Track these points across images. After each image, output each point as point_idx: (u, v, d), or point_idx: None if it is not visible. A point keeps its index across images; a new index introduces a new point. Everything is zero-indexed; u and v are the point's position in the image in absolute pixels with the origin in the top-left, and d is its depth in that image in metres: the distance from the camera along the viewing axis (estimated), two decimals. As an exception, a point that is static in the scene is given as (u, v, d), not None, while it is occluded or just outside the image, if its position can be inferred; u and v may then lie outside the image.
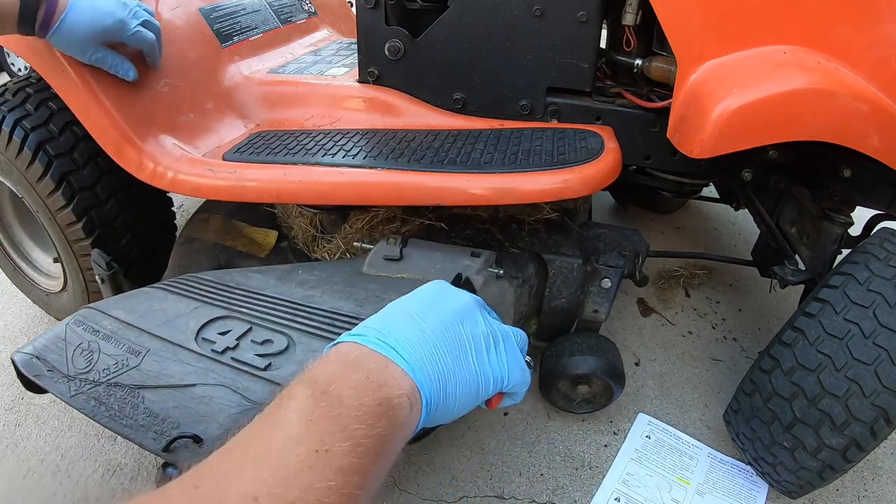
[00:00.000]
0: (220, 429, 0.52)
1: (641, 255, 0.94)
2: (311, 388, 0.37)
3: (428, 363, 0.42)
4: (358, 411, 0.36)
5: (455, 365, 0.44)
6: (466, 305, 0.49)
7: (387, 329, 0.43)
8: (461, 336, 0.46)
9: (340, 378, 0.38)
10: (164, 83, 0.91)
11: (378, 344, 0.41)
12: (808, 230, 0.93)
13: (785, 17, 0.74)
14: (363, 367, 0.39)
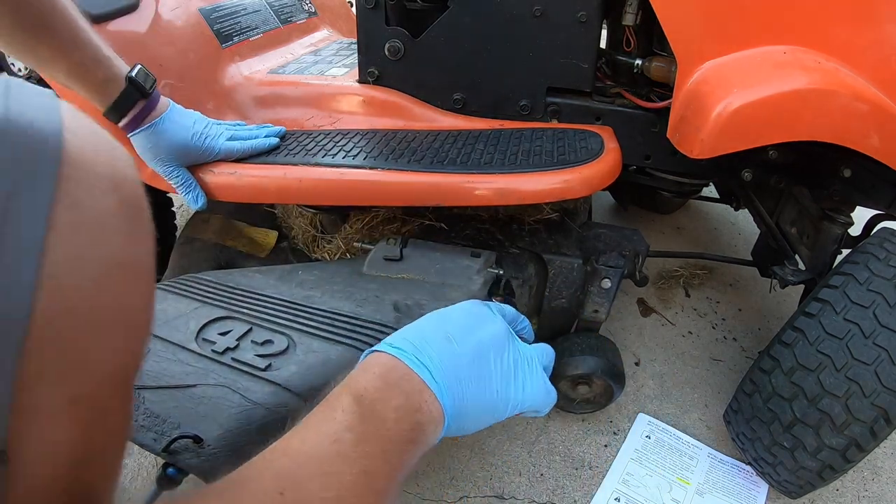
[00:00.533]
0: (220, 429, 0.52)
1: (641, 255, 0.94)
2: (359, 403, 0.39)
3: (455, 388, 0.44)
4: (397, 436, 0.39)
5: (478, 392, 0.46)
6: (498, 335, 0.51)
7: (423, 347, 0.45)
8: (489, 366, 0.48)
9: (385, 397, 0.40)
10: (165, 83, 0.91)
11: (415, 362, 0.43)
12: (808, 230, 0.93)
13: (785, 17, 0.74)
14: (403, 389, 0.42)
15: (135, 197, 0.31)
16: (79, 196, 0.28)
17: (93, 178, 0.29)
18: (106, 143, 0.31)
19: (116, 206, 0.29)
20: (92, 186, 0.28)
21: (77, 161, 0.28)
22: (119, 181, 0.30)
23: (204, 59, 1.00)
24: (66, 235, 0.27)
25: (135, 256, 0.30)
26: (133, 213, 0.31)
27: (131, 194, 0.31)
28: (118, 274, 0.29)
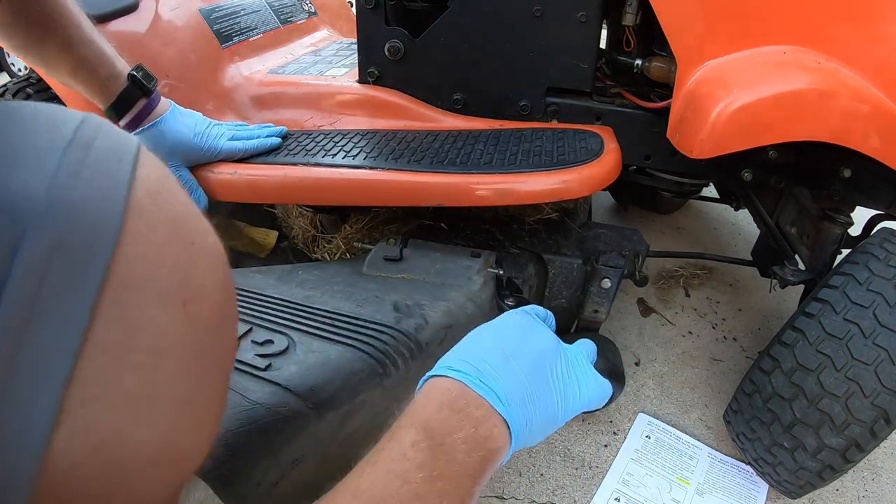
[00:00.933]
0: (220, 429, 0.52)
1: (641, 255, 0.94)
2: (428, 437, 0.38)
3: (522, 410, 0.43)
4: (468, 468, 0.38)
5: (541, 407, 0.45)
6: (549, 345, 0.49)
7: (486, 368, 0.43)
8: (547, 378, 0.47)
9: (454, 428, 0.39)
10: (164, 84, 0.92)
11: (480, 386, 0.42)
12: (808, 230, 0.93)
13: (785, 17, 0.74)
14: (472, 417, 0.40)
15: (211, 316, 0.26)
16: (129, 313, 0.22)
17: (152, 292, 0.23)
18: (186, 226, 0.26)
19: (182, 328, 0.24)
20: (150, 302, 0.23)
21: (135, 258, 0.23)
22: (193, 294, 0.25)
23: (204, 60, 1.00)
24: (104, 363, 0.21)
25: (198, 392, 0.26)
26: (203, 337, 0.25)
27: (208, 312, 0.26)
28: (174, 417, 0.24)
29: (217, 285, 0.27)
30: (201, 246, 0.26)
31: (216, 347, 0.27)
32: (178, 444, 0.25)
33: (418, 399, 0.42)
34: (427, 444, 0.38)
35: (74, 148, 0.23)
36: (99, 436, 0.22)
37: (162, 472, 0.25)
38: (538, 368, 0.46)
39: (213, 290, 0.26)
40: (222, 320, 0.27)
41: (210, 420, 0.28)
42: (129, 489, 0.24)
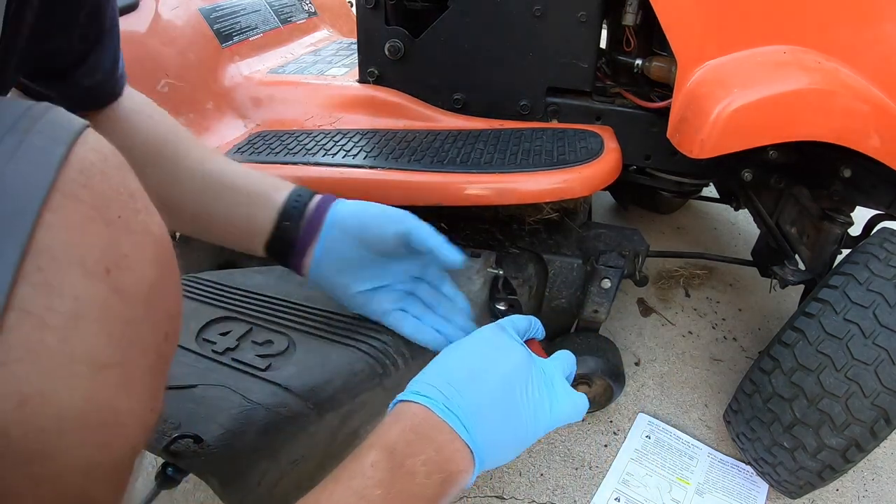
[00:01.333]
0: (220, 429, 0.52)
1: (641, 255, 0.94)
2: (389, 458, 0.39)
3: (485, 432, 0.44)
4: (427, 490, 0.39)
5: (509, 429, 0.46)
6: (521, 364, 0.49)
7: (451, 393, 0.44)
8: (516, 399, 0.47)
9: (416, 451, 0.40)
10: (164, 83, 0.91)
11: (445, 411, 0.43)
12: (808, 230, 0.93)
13: (785, 16, 0.74)
14: (435, 441, 0.41)
15: (137, 285, 0.28)
16: (50, 278, 0.24)
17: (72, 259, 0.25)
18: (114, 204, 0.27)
19: (104, 294, 0.26)
20: (69, 269, 0.25)
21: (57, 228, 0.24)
22: (116, 263, 0.27)
23: (204, 59, 1.00)
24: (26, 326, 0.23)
25: (122, 358, 0.27)
26: (129, 306, 0.27)
27: (133, 282, 0.28)
28: (98, 379, 0.26)
29: (144, 259, 0.28)
30: (128, 221, 0.28)
31: (146, 317, 0.28)
32: (106, 408, 0.27)
33: (385, 422, 0.43)
34: (387, 465, 0.39)
35: (12, 133, 0.25)
36: (23, 393, 0.23)
37: (91, 434, 0.26)
38: (506, 388, 0.47)
39: (139, 263, 0.28)
40: (152, 292, 0.29)
41: (143, 388, 0.29)
42: (62, 450, 0.25)
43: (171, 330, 0.31)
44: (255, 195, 0.60)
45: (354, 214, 0.60)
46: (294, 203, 0.60)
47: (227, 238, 0.61)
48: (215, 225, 0.60)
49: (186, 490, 0.84)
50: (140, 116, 0.58)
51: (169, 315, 0.31)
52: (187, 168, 0.59)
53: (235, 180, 0.60)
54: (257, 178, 0.61)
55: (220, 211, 0.59)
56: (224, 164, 0.61)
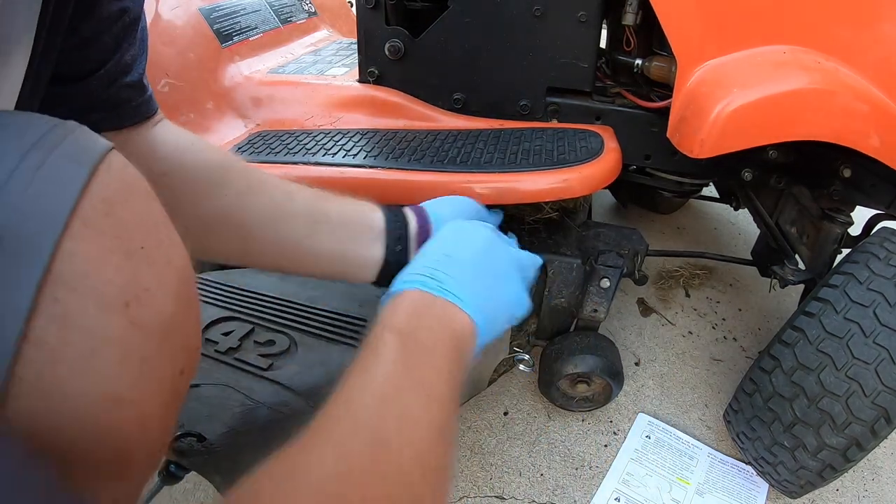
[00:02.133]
0: (223, 428, 0.52)
1: (640, 255, 0.94)
2: (400, 337, 0.41)
3: (475, 296, 0.47)
4: (442, 354, 0.42)
5: (494, 292, 0.50)
6: (489, 237, 0.54)
7: (435, 273, 0.48)
8: (492, 266, 0.52)
9: (421, 324, 0.43)
10: (164, 83, 0.92)
11: (434, 288, 0.46)
12: (808, 230, 0.93)
13: (784, 16, 0.74)
14: (434, 313, 0.45)
15: (157, 319, 0.27)
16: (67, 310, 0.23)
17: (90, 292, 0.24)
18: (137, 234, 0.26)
19: (122, 328, 0.25)
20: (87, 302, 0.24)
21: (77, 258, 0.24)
22: (136, 296, 0.26)
23: (204, 59, 1.00)
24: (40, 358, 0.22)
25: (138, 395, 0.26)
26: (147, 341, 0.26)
27: (153, 316, 0.27)
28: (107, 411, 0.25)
29: (165, 292, 0.27)
30: (151, 253, 0.27)
31: (163, 352, 0.28)
32: (116, 445, 0.26)
33: (386, 311, 0.45)
34: (401, 343, 0.41)
35: (37, 150, 0.24)
36: (35, 423, 0.22)
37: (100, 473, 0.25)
38: (482, 259, 0.51)
39: (159, 296, 0.27)
40: (171, 326, 0.28)
41: (157, 425, 0.28)
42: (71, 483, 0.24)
43: (187, 365, 0.31)
44: (351, 223, 0.59)
45: (448, 216, 0.63)
46: (394, 225, 0.60)
47: (325, 271, 0.59)
48: (311, 259, 0.58)
49: (187, 490, 0.84)
50: (187, 153, 0.56)
51: (186, 349, 0.30)
52: (266, 201, 0.56)
53: (325, 208, 0.59)
54: (346, 204, 0.60)
55: (315, 244, 0.57)
56: (308, 193, 0.59)
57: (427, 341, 0.42)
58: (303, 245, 0.57)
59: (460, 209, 0.66)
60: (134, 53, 0.50)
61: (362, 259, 0.59)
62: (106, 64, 0.47)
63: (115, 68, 0.48)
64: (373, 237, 0.59)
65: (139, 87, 0.52)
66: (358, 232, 0.59)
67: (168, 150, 0.54)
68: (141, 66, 0.52)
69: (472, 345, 0.46)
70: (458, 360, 0.43)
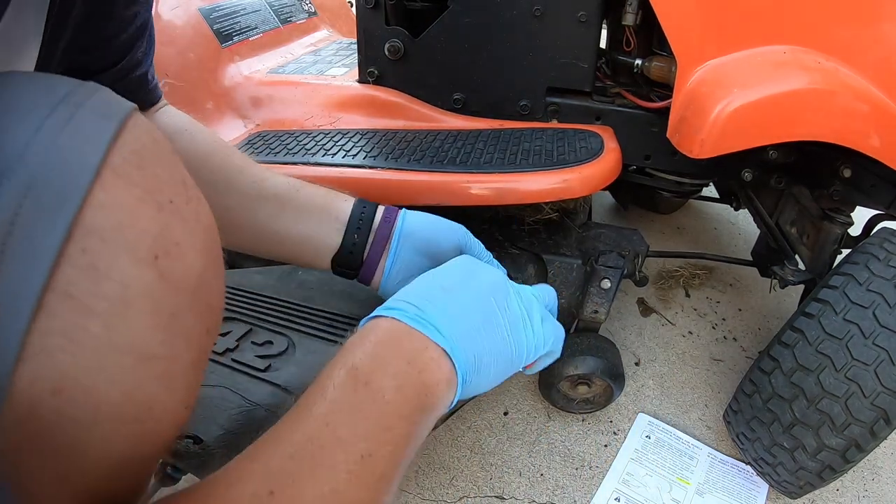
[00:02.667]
0: (220, 430, 0.52)
1: (641, 255, 0.94)
2: (352, 377, 0.35)
3: (465, 340, 0.40)
4: (399, 408, 0.35)
5: (490, 341, 0.42)
6: (497, 280, 0.47)
7: (423, 303, 0.41)
8: (495, 311, 0.44)
9: (381, 365, 0.36)
10: (164, 83, 0.91)
11: (417, 320, 0.39)
12: (808, 230, 0.93)
13: (784, 16, 0.74)
14: (404, 351, 0.38)
15: (186, 275, 0.26)
16: (97, 261, 0.23)
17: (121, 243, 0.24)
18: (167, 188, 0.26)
19: (153, 282, 0.25)
20: (119, 253, 0.24)
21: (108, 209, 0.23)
22: (167, 250, 0.25)
23: (204, 59, 1.00)
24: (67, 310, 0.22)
25: (167, 351, 0.26)
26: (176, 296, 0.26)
27: (182, 271, 0.26)
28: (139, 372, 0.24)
29: (194, 248, 0.27)
30: (180, 208, 0.27)
31: (192, 309, 0.27)
32: (143, 403, 0.25)
33: (351, 340, 0.40)
34: (351, 384, 0.35)
35: (65, 105, 0.24)
36: (60, 380, 0.22)
37: (125, 429, 0.25)
38: (484, 301, 0.44)
39: (189, 252, 0.27)
40: (199, 283, 0.27)
41: (182, 385, 0.28)
42: (93, 444, 0.24)
43: (212, 324, 0.30)
44: (319, 209, 0.59)
45: (420, 226, 0.60)
46: (360, 216, 0.59)
47: (288, 254, 0.61)
48: (276, 241, 0.59)
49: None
50: (182, 135, 0.59)
51: (212, 308, 0.30)
52: (242, 185, 0.58)
53: (296, 195, 0.59)
54: (318, 192, 0.60)
55: (282, 227, 0.58)
56: (282, 180, 0.60)
57: (384, 388, 0.35)
58: (269, 227, 0.58)
59: (442, 227, 0.61)
60: (144, 50, 0.53)
61: (321, 244, 0.59)
62: (122, 60, 0.50)
63: (129, 64, 0.51)
64: (336, 226, 0.59)
65: (148, 79, 0.56)
66: (322, 219, 0.59)
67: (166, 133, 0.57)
68: (149, 60, 0.55)
69: (445, 398, 0.39)
70: (421, 417, 0.36)
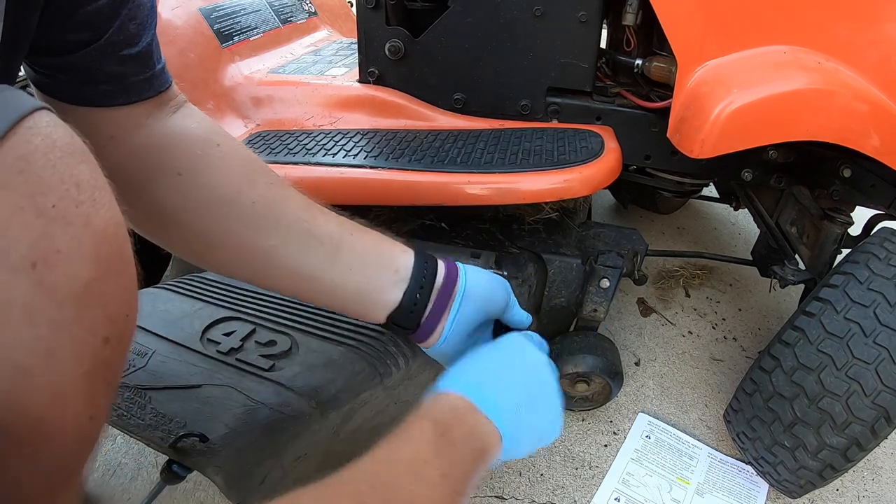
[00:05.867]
0: (225, 428, 0.52)
1: (640, 255, 0.94)
2: (435, 427, 0.43)
3: (510, 417, 0.47)
4: (466, 458, 0.43)
5: (530, 419, 0.49)
6: (541, 365, 0.54)
7: (481, 385, 0.48)
8: (536, 394, 0.51)
9: (456, 424, 0.44)
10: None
11: (477, 398, 0.46)
12: (808, 230, 0.94)
13: (785, 17, 0.74)
14: (469, 421, 0.45)
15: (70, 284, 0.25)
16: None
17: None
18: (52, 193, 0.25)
19: (28, 290, 0.24)
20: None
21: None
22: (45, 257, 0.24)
23: (204, 59, 1.00)
24: None
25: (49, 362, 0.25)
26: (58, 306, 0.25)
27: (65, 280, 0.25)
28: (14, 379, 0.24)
29: (81, 255, 0.26)
30: (67, 213, 0.25)
31: (79, 319, 0.26)
32: (30, 417, 0.24)
33: (427, 403, 0.46)
34: (434, 433, 0.42)
35: None
36: None
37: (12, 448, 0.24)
38: (529, 385, 0.51)
39: (74, 259, 0.26)
40: (87, 292, 0.26)
41: (77, 396, 0.27)
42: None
43: (114, 334, 0.29)
44: (376, 260, 0.54)
45: (477, 284, 0.59)
46: (422, 273, 0.55)
47: (339, 305, 0.55)
48: (327, 290, 0.53)
49: (187, 490, 0.84)
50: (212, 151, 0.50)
51: (110, 317, 0.28)
52: (288, 221, 0.51)
53: (350, 239, 0.53)
54: (374, 241, 0.55)
55: (336, 276, 0.52)
56: (333, 218, 0.54)
57: (458, 444, 0.43)
58: (320, 274, 0.52)
59: (494, 285, 0.60)
60: (138, 24, 0.45)
61: (378, 300, 0.54)
62: (105, 34, 0.43)
63: (115, 38, 0.43)
64: (396, 280, 0.54)
65: (144, 60, 0.47)
66: (380, 271, 0.54)
67: (187, 148, 0.49)
68: (146, 39, 0.46)
69: (490, 461, 0.46)
70: (476, 470, 0.44)
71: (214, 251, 0.50)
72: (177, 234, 0.49)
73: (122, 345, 0.30)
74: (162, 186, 0.47)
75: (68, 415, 0.27)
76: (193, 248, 0.50)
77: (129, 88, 0.46)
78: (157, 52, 0.48)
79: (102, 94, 0.45)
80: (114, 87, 0.45)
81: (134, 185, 0.47)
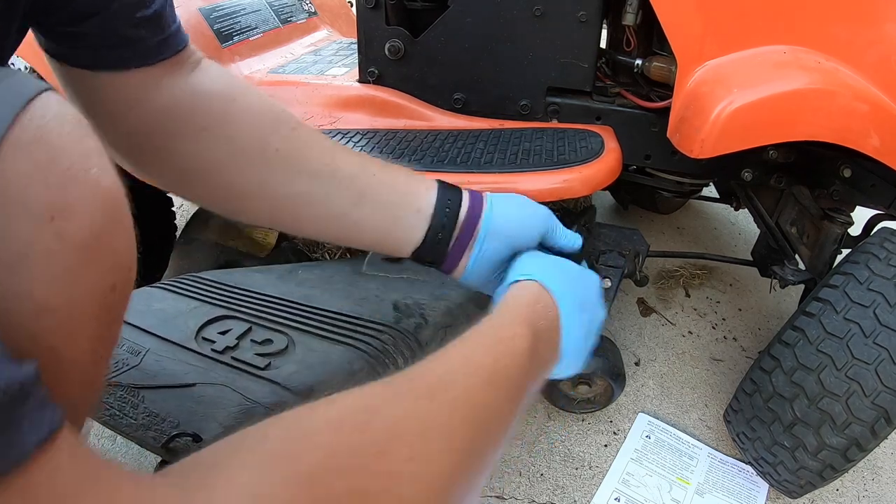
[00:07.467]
0: (219, 428, 0.52)
1: (641, 255, 0.93)
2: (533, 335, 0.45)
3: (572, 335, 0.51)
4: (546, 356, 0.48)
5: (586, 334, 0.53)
6: (596, 284, 0.58)
7: (549, 274, 0.52)
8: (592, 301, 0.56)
9: (540, 317, 0.48)
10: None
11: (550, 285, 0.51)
12: (808, 230, 0.93)
13: (785, 16, 0.74)
14: (547, 308, 0.49)
15: (81, 233, 0.29)
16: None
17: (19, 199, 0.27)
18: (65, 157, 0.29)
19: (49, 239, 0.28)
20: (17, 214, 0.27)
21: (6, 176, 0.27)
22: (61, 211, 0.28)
23: (204, 59, 1.00)
24: None
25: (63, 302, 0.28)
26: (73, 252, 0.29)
27: (77, 230, 0.29)
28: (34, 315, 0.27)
29: (91, 209, 0.29)
30: (79, 175, 0.29)
31: (90, 265, 0.30)
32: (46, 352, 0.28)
33: (512, 297, 0.50)
34: (531, 342, 0.44)
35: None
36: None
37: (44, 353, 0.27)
38: (588, 290, 0.56)
39: (85, 212, 0.29)
40: (96, 242, 0.30)
41: (86, 336, 0.30)
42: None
43: (119, 281, 0.32)
44: (400, 199, 0.56)
45: (505, 220, 0.59)
46: (444, 210, 0.57)
47: (367, 243, 0.58)
48: (353, 231, 0.56)
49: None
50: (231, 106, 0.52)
51: (116, 266, 0.32)
52: (311, 166, 0.53)
53: (373, 181, 0.55)
54: (399, 177, 0.57)
55: (361, 217, 0.54)
56: (355, 158, 0.56)
57: (542, 334, 0.46)
58: (346, 217, 0.54)
59: (527, 216, 0.61)
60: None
61: (402, 238, 0.56)
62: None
63: (129, 0, 0.44)
64: (420, 218, 0.56)
65: (158, 21, 0.47)
66: (404, 210, 0.56)
67: (209, 104, 0.51)
68: (159, 0, 0.47)
69: (550, 368, 0.50)
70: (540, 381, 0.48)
71: (245, 202, 0.53)
72: (209, 189, 0.52)
73: (125, 293, 0.33)
74: (189, 143, 0.50)
75: (78, 354, 0.30)
76: (226, 201, 0.54)
77: (146, 51, 0.47)
78: (171, 13, 0.49)
79: (120, 58, 0.46)
80: (131, 51, 0.46)
81: (163, 145, 0.49)
